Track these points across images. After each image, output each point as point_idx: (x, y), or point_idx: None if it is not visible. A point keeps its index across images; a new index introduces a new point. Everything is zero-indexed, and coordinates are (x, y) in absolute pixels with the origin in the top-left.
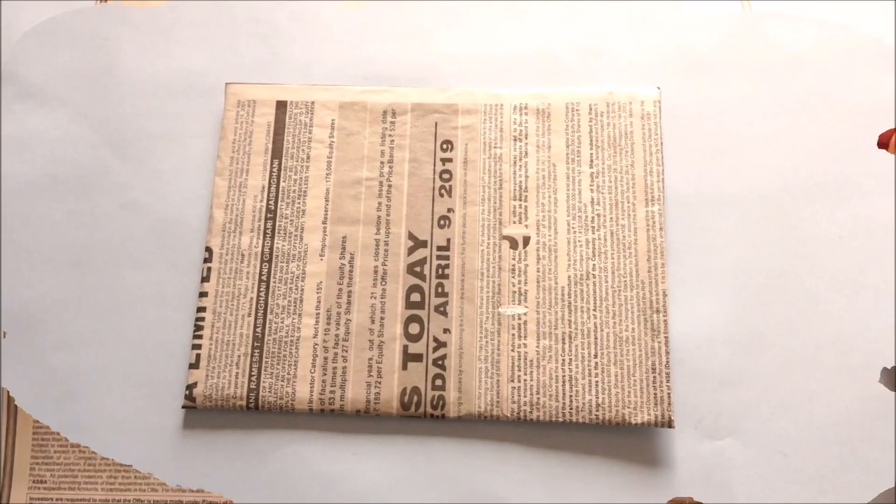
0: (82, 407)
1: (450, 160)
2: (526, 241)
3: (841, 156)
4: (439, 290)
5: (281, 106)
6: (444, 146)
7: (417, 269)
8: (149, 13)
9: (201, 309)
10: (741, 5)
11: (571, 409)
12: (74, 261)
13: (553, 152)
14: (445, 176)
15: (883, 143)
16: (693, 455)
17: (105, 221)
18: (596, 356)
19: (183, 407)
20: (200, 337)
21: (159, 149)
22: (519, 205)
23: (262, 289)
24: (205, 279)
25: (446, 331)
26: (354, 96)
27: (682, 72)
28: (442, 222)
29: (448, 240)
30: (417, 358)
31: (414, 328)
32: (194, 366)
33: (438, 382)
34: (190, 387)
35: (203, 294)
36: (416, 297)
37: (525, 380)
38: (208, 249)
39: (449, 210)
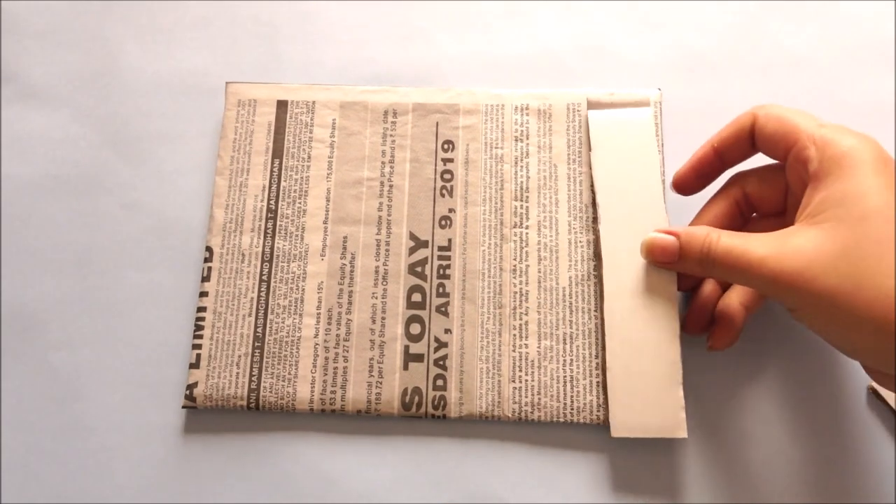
0: (82, 407)
1: (451, 160)
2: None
3: None
4: (440, 290)
5: (282, 105)
6: (446, 146)
7: (418, 269)
8: (150, 13)
9: (202, 309)
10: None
11: (572, 409)
12: (75, 261)
13: (554, 153)
14: (447, 176)
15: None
16: (694, 455)
17: (106, 221)
18: (597, 357)
19: (183, 407)
20: (201, 337)
21: (160, 149)
22: (520, 205)
23: (262, 289)
24: (205, 279)
25: (447, 331)
26: (355, 96)
27: (683, 72)
28: (443, 222)
29: (449, 240)
30: (418, 358)
31: (415, 328)
32: (195, 366)
33: (440, 383)
34: (190, 387)
35: (203, 294)
36: (417, 297)
37: (526, 380)
38: (209, 249)
39: (450, 210)
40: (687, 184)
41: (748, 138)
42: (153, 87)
